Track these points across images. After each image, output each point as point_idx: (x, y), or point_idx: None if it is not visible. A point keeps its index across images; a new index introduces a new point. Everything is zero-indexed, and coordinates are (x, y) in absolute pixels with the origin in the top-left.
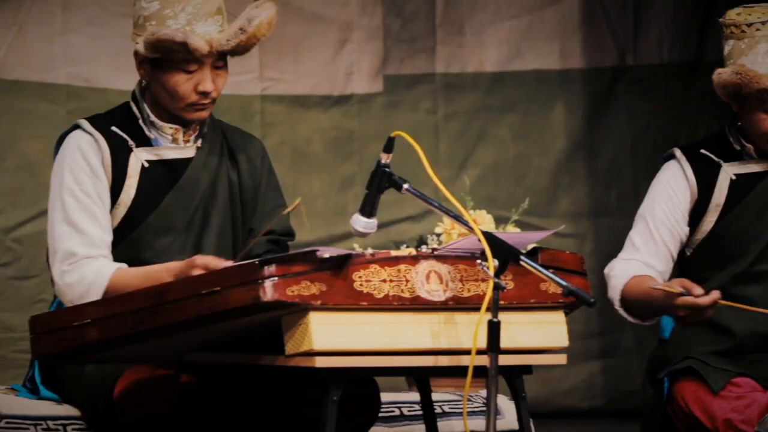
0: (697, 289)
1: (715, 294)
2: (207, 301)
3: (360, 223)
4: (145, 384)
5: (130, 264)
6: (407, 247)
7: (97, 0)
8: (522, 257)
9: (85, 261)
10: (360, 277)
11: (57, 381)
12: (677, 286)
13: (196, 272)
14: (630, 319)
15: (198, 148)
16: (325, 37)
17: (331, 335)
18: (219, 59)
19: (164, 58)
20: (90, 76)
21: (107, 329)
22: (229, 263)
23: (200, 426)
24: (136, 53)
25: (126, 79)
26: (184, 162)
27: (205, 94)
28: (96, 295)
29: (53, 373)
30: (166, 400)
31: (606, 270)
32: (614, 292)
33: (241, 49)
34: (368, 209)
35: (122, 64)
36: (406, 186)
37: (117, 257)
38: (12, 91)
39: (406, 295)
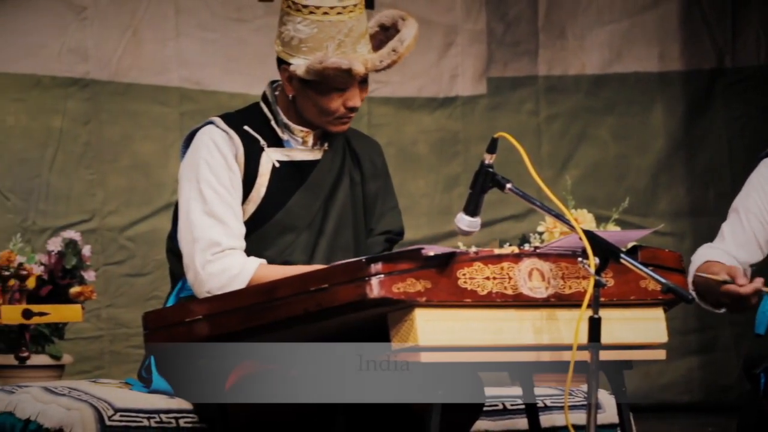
0: (741, 278)
1: (757, 282)
2: (315, 298)
3: (464, 221)
4: (256, 377)
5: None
6: (510, 245)
7: (209, 5)
8: (622, 255)
9: (229, 252)
10: (464, 274)
11: (170, 374)
12: (724, 274)
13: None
14: (702, 304)
15: (324, 151)
16: (431, 41)
17: (435, 331)
18: (366, 75)
19: (321, 81)
20: (202, 79)
21: (217, 325)
22: None
23: (309, 421)
24: (286, 69)
25: (236, 82)
26: (312, 164)
27: (352, 109)
28: (238, 288)
29: (166, 367)
30: (275, 394)
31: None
32: (689, 277)
33: (389, 67)
34: (472, 208)
35: (233, 67)
36: (509, 185)
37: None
38: (126, 94)
39: (509, 292)
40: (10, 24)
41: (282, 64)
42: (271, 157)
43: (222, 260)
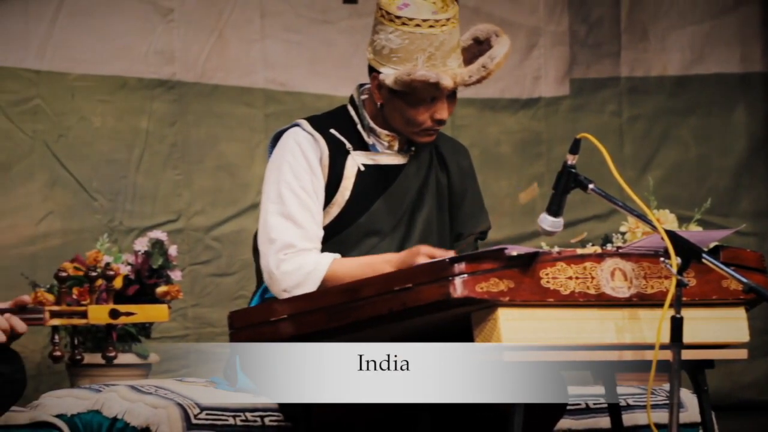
0: None
1: None
2: (399, 298)
3: (547, 222)
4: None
5: None
6: (593, 245)
7: (294, 7)
8: (704, 255)
9: (302, 252)
10: (547, 274)
11: (255, 374)
12: None
13: (421, 260)
14: None
15: (411, 156)
16: (514, 43)
17: (518, 330)
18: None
19: (409, 92)
20: (287, 81)
21: (302, 324)
22: (451, 253)
23: (393, 419)
24: (375, 77)
25: (321, 83)
26: (397, 168)
27: (440, 122)
28: (313, 284)
29: (251, 366)
30: (358, 392)
31: None
32: None
33: (478, 83)
34: (555, 209)
35: (317, 69)
36: (591, 186)
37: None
38: (212, 95)
39: (592, 291)
40: (98, 27)
41: (372, 71)
42: (356, 161)
43: (295, 258)
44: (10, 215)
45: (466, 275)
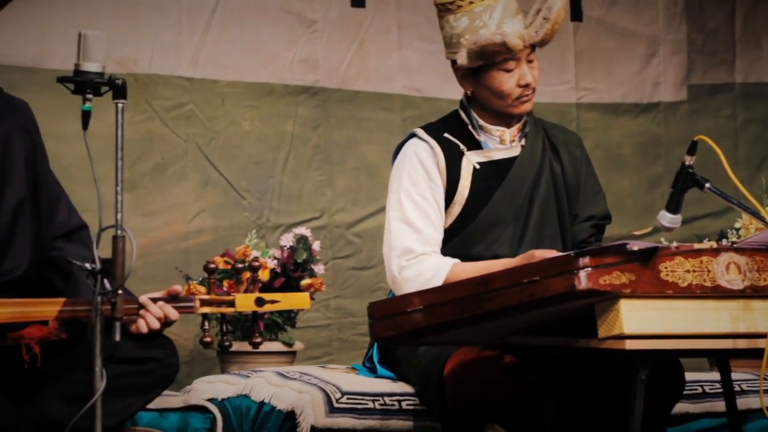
0: None
1: None
2: (528, 289)
3: (666, 218)
4: (472, 363)
5: (462, 256)
6: (709, 240)
7: (430, 19)
8: None
9: (422, 257)
10: (666, 267)
11: (393, 361)
12: None
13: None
14: None
15: (522, 147)
16: (635, 51)
17: (639, 320)
18: (530, 53)
19: (486, 63)
20: (422, 87)
21: (436, 315)
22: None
23: (521, 405)
24: (458, 69)
25: (454, 90)
26: (511, 160)
27: (526, 86)
28: None
29: (390, 353)
30: (491, 378)
31: None
32: None
33: (546, 39)
34: (673, 206)
35: (451, 75)
36: (707, 185)
37: (451, 249)
38: (353, 101)
39: (708, 284)
40: (247, 37)
41: (454, 65)
42: (471, 160)
43: (416, 265)
44: (165, 213)
45: (590, 268)
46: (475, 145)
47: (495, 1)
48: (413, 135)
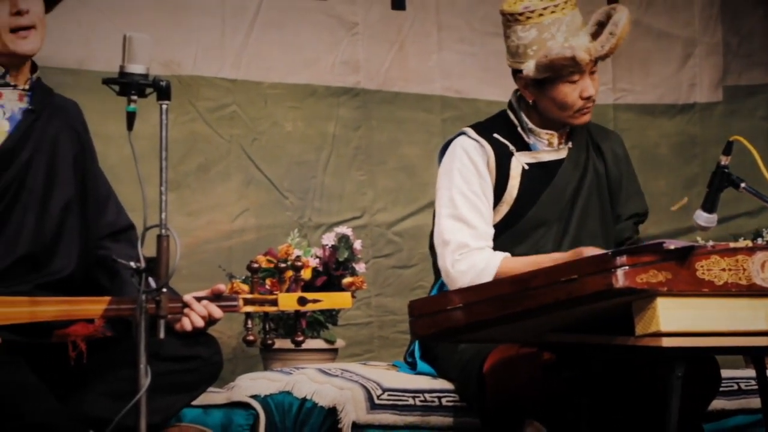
0: None
1: None
2: (566, 288)
3: (702, 217)
4: (511, 361)
5: (508, 252)
6: (744, 239)
7: (468, 21)
8: None
9: (475, 251)
10: (702, 266)
11: (433, 358)
12: None
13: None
14: None
15: (569, 149)
16: (671, 53)
17: (676, 318)
18: (593, 65)
19: (553, 75)
20: (462, 88)
21: (475, 312)
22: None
23: (558, 401)
24: (521, 78)
25: (493, 91)
26: (558, 162)
27: (589, 99)
28: (486, 280)
29: (430, 350)
30: (530, 375)
31: None
32: None
33: (611, 52)
34: (709, 206)
35: (489, 77)
36: (743, 185)
37: (496, 247)
38: (393, 102)
39: (743, 282)
40: (289, 40)
41: (516, 74)
42: (520, 161)
43: (468, 258)
44: (209, 212)
45: (627, 267)
46: (524, 147)
47: (563, 14)
48: (462, 133)
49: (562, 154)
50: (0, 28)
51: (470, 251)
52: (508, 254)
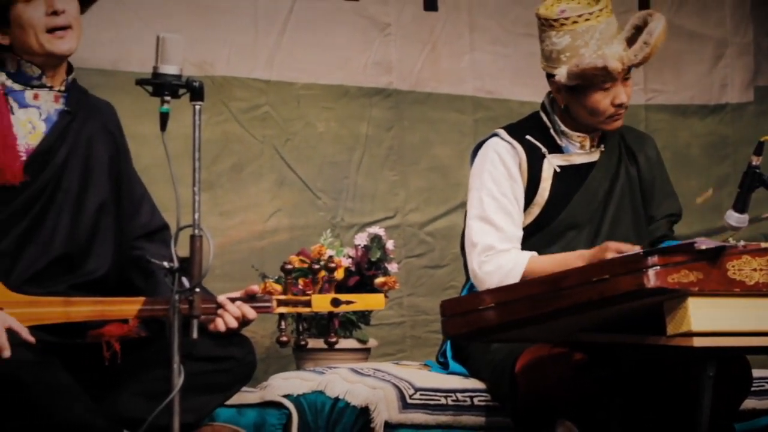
0: None
1: None
2: (597, 288)
3: (733, 218)
4: (543, 360)
5: (539, 254)
6: None
7: (501, 23)
8: None
9: (501, 253)
10: (733, 266)
11: (466, 357)
12: None
13: (609, 255)
14: None
15: (601, 152)
16: (702, 53)
17: (707, 318)
18: (627, 72)
19: (582, 84)
20: (494, 89)
21: (507, 312)
22: (637, 248)
23: (590, 401)
24: (553, 82)
25: (524, 91)
26: (590, 165)
27: (620, 106)
28: (513, 281)
29: (462, 350)
30: (562, 375)
31: None
32: None
33: (644, 61)
34: (740, 206)
35: (521, 78)
36: None
37: (527, 249)
38: (426, 103)
39: None
40: (322, 40)
41: (549, 78)
42: (552, 163)
43: (494, 260)
44: (242, 212)
45: (658, 267)
46: (556, 149)
47: (598, 22)
48: (495, 135)
49: (594, 156)
50: (36, 28)
51: (496, 253)
52: (534, 253)
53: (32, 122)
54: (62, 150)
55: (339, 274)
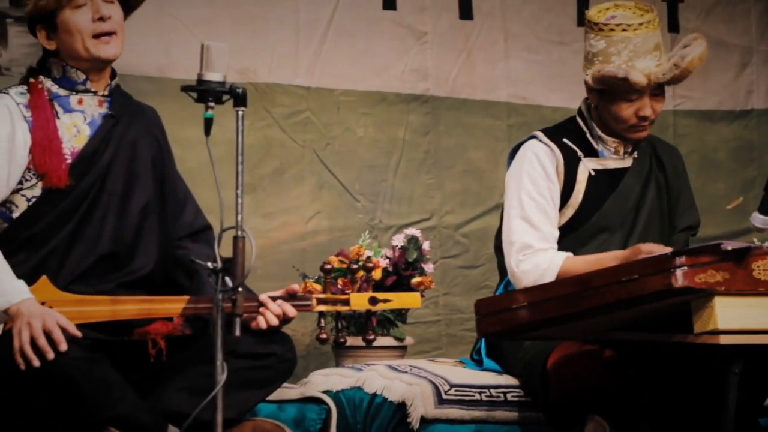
0: None
1: None
2: (626, 288)
3: (758, 219)
4: (574, 357)
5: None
6: None
7: (534, 31)
8: None
9: (539, 252)
10: (758, 266)
11: (499, 355)
12: None
13: (642, 257)
14: None
15: (634, 159)
16: (729, 60)
17: (733, 317)
18: (657, 88)
19: (608, 89)
20: (527, 95)
21: (539, 311)
22: (669, 250)
23: (620, 397)
24: (586, 81)
25: (557, 98)
26: (623, 171)
27: (644, 119)
28: (549, 280)
29: (496, 347)
30: (592, 372)
31: None
32: None
33: (675, 81)
34: (765, 208)
35: (554, 84)
36: None
37: (562, 249)
38: (461, 108)
39: None
40: (361, 48)
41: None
42: (587, 167)
43: (532, 258)
44: (283, 214)
45: (686, 267)
46: (591, 153)
47: (635, 35)
48: (533, 137)
49: (627, 162)
50: (84, 33)
51: (534, 252)
52: (570, 254)
53: (77, 126)
54: (106, 153)
55: (377, 274)
